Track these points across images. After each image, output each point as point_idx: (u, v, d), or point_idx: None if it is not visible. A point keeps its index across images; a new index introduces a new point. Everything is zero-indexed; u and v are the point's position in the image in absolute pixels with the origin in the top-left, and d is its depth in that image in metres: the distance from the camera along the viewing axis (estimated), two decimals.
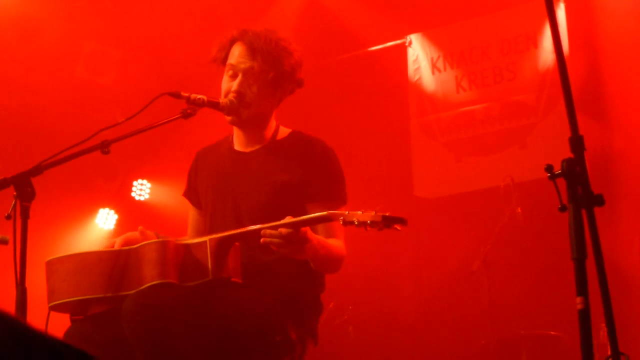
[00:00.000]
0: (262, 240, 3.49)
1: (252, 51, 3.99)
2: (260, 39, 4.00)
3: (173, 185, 9.56)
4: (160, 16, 9.36)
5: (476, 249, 7.51)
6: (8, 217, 3.21)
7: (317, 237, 3.67)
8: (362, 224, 3.34)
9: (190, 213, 4.37)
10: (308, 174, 3.98)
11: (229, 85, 4.01)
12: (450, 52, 9.18)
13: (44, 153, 3.50)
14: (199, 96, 3.82)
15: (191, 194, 4.31)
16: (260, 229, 3.52)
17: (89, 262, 3.66)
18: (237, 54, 4.03)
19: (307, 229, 3.54)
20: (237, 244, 3.71)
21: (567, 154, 2.61)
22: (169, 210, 9.49)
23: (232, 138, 4.23)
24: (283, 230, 3.46)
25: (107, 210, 9.98)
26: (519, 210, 7.46)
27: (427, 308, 8.61)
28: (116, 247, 3.75)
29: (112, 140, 3.56)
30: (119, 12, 9.39)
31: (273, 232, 3.47)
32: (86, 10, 9.23)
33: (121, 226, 10.02)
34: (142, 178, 10.10)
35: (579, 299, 2.51)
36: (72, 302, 3.66)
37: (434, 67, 9.24)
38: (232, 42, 4.09)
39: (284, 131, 4.19)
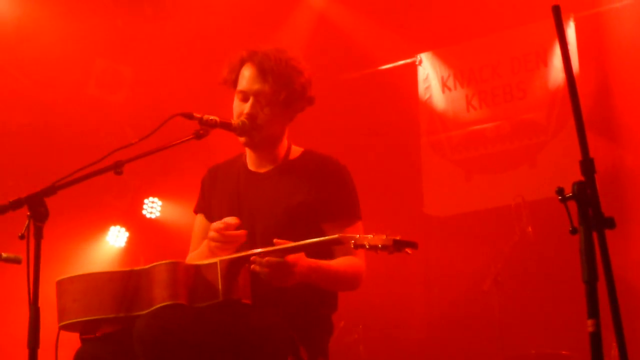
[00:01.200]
0: (251, 267, 3.51)
1: (263, 73, 3.98)
2: (270, 59, 3.99)
3: (184, 203, 9.58)
4: (172, 34, 9.41)
5: (487, 267, 7.50)
6: (22, 237, 3.22)
7: (311, 263, 3.68)
8: (373, 247, 3.34)
9: (202, 225, 4.31)
10: (323, 194, 3.98)
11: (240, 108, 4.02)
12: (460, 70, 9.20)
13: (56, 170, 3.51)
14: (212, 117, 3.83)
15: (205, 209, 4.29)
16: (266, 252, 3.54)
17: (99, 282, 3.66)
18: (247, 76, 4.03)
19: (299, 257, 3.56)
20: (247, 265, 3.71)
21: (578, 172, 2.62)
22: (179, 227, 9.50)
23: (245, 157, 4.22)
24: (270, 259, 3.48)
25: (117, 227, 10.01)
26: (530, 229, 7.45)
27: (437, 327, 8.60)
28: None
29: (126, 160, 3.56)
30: (131, 30, 9.44)
31: (261, 260, 3.50)
32: (98, 28, 9.28)
33: (132, 244, 10.04)
34: (153, 196, 10.13)
35: (590, 322, 2.51)
36: (82, 322, 3.66)
37: (444, 85, 9.26)
38: (242, 63, 4.09)
39: (296, 150, 4.19)
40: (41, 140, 9.11)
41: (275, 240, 3.56)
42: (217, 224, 3.85)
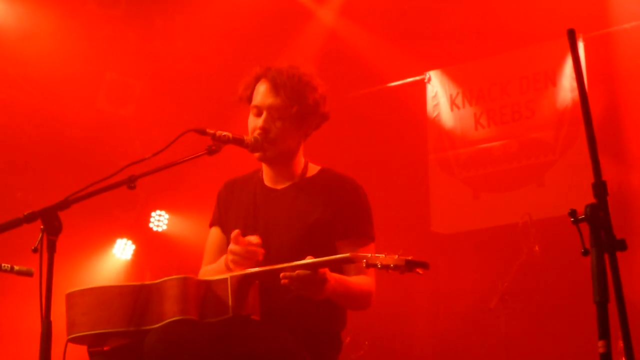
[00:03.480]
0: (282, 281, 3.52)
1: (276, 87, 4.02)
2: (283, 75, 4.02)
3: (191, 217, 9.61)
4: (182, 49, 9.45)
5: (493, 286, 7.50)
6: (35, 251, 3.23)
7: (336, 277, 3.69)
8: (385, 267, 3.36)
9: (217, 239, 4.31)
10: (339, 213, 3.99)
11: (255, 123, 4.04)
12: (469, 89, 9.23)
13: (64, 183, 3.55)
14: (224, 133, 3.84)
15: (221, 223, 4.29)
16: (280, 269, 3.55)
17: (110, 295, 3.67)
18: (261, 91, 4.06)
19: (326, 270, 3.57)
20: (257, 281, 3.72)
21: (585, 192, 2.63)
22: (186, 241, 9.53)
23: (262, 173, 4.24)
24: (300, 272, 3.49)
25: (124, 240, 10.03)
26: (537, 248, 7.46)
27: (443, 344, 8.59)
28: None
29: (139, 175, 3.58)
30: (141, 44, 9.48)
31: (291, 274, 3.51)
32: (108, 42, 9.33)
33: (138, 256, 10.06)
34: (160, 209, 10.15)
35: (600, 343, 2.52)
36: (91, 335, 3.67)
37: (452, 103, 9.29)
38: (256, 80, 4.12)
39: (313, 168, 4.21)
40: (50, 153, 9.15)
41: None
42: (241, 239, 3.85)
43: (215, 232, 4.30)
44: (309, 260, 3.53)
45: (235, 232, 3.82)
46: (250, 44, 9.01)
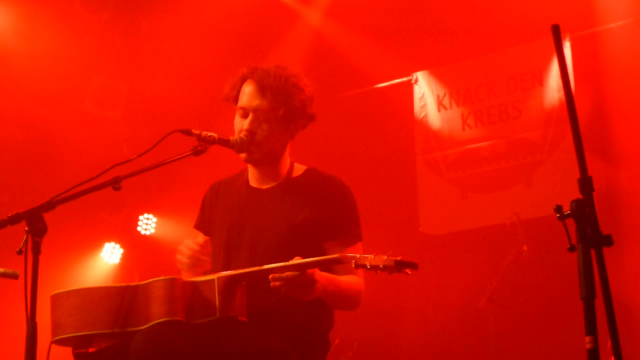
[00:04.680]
0: (271, 284, 3.51)
1: (262, 89, 3.99)
2: (269, 76, 4.00)
3: (179, 220, 9.58)
4: (168, 51, 9.43)
5: (482, 286, 7.51)
6: (19, 252, 3.22)
7: (326, 276, 3.68)
8: (374, 267, 3.36)
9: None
10: (325, 212, 3.99)
11: (241, 124, 4.02)
12: (456, 89, 9.23)
13: (51, 186, 3.52)
14: (210, 134, 3.83)
15: (204, 225, 4.29)
16: (268, 270, 3.54)
17: (95, 297, 3.65)
18: (247, 92, 4.04)
19: (315, 270, 3.56)
20: (244, 282, 3.71)
21: (573, 191, 2.63)
22: (174, 245, 9.42)
23: (247, 174, 4.23)
24: (289, 274, 3.48)
25: (112, 244, 9.99)
26: (525, 247, 7.47)
27: (432, 344, 8.59)
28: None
29: (124, 176, 3.56)
30: (127, 47, 9.46)
31: (280, 276, 3.50)
32: (95, 45, 9.31)
33: (126, 260, 10.03)
34: (148, 212, 10.12)
35: (588, 338, 2.51)
36: (76, 336, 3.65)
37: (440, 104, 9.29)
38: (242, 80, 4.10)
39: (299, 168, 4.19)
40: (37, 156, 9.12)
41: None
42: (191, 243, 3.84)
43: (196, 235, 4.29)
44: (297, 260, 3.52)
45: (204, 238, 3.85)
46: (237, 45, 8.99)
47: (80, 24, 9.22)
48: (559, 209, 2.60)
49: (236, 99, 4.10)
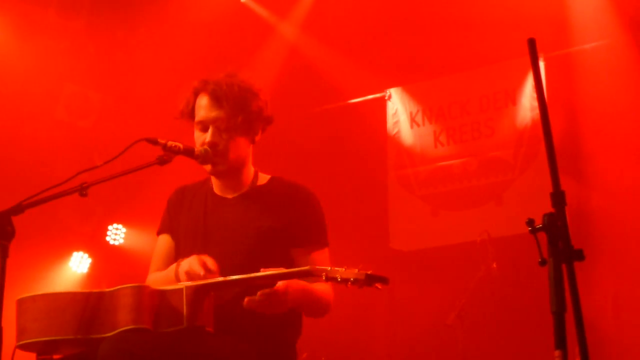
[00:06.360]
0: (245, 306, 3.50)
1: (217, 99, 3.97)
2: (222, 86, 3.98)
3: (148, 231, 9.49)
4: (143, 61, 9.40)
5: (451, 302, 7.51)
6: None
7: (296, 287, 3.68)
8: (345, 280, 3.37)
9: (165, 245, 4.26)
10: (291, 219, 3.99)
11: (201, 138, 4.00)
12: (429, 107, 9.25)
13: (21, 194, 3.48)
14: (175, 144, 3.82)
15: (171, 227, 4.23)
16: (236, 280, 3.53)
17: (62, 302, 3.61)
18: (203, 105, 4.02)
19: (287, 284, 3.55)
20: (212, 292, 3.69)
21: (543, 210, 2.63)
22: (143, 255, 9.41)
23: (211, 182, 4.21)
24: (262, 295, 3.50)
25: (80, 253, 9.93)
26: (495, 265, 7.50)
27: None
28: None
29: (91, 183, 3.55)
30: (101, 56, 9.43)
31: (254, 299, 3.51)
32: (68, 53, 9.26)
33: (95, 270, 9.97)
34: (117, 222, 10.06)
35: (557, 353, 2.51)
36: (41, 342, 3.61)
37: (412, 121, 9.31)
38: (195, 94, 4.07)
39: (263, 177, 4.19)
40: (6, 164, 9.03)
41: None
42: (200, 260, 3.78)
43: (164, 239, 4.25)
44: (268, 271, 3.51)
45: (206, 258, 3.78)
46: (211, 57, 8.97)
47: (54, 31, 9.19)
48: (530, 222, 2.60)
49: (192, 114, 4.08)
